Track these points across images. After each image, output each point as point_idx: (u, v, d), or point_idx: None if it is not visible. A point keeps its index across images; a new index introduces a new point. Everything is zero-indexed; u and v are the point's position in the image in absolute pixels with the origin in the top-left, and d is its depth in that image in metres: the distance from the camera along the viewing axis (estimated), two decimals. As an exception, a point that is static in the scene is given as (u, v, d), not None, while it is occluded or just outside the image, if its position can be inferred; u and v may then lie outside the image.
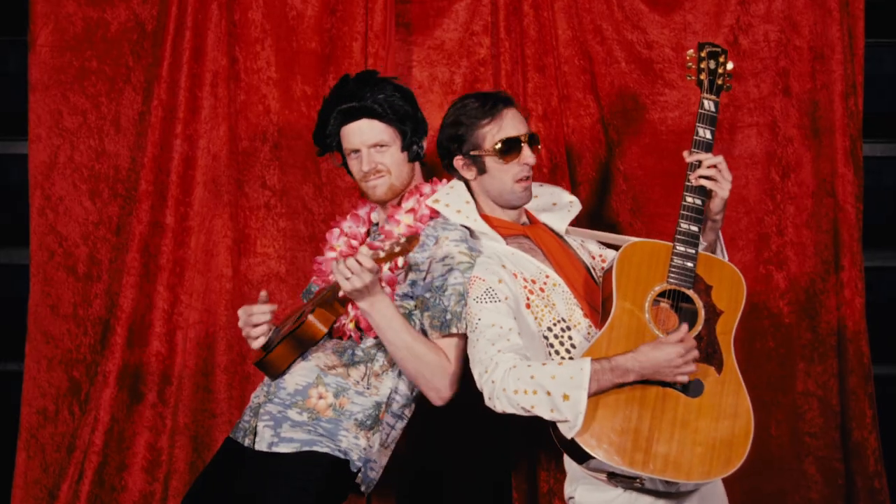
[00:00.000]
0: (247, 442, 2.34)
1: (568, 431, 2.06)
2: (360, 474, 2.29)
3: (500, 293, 2.22)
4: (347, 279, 2.16)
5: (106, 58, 3.03)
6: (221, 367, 2.97)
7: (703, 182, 2.23)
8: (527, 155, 2.36)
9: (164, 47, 2.96)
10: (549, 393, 2.06)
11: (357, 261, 2.14)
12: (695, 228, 2.20)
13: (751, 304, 2.90)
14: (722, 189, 2.24)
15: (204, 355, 2.98)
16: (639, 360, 2.08)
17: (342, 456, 2.25)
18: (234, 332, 2.95)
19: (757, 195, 2.95)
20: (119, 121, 3.04)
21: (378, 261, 2.16)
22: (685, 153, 2.27)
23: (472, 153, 2.39)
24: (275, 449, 2.27)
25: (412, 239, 2.11)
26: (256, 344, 2.38)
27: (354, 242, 2.56)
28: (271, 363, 2.36)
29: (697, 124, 2.26)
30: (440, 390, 2.27)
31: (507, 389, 2.10)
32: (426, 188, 2.48)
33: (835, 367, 2.89)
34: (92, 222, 3.03)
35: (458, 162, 2.42)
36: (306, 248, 3.01)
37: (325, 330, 2.29)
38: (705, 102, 2.27)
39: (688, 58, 2.33)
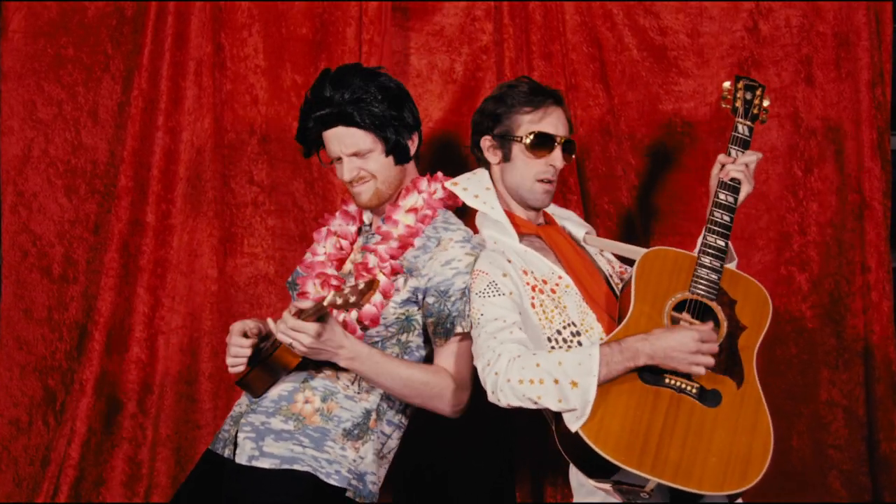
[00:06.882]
0: (227, 453, 2.28)
1: (574, 422, 2.00)
2: (351, 489, 2.22)
3: (503, 287, 2.20)
4: (291, 343, 2.13)
5: (83, 45, 2.99)
6: (206, 375, 2.93)
7: (735, 174, 2.24)
8: (556, 156, 2.35)
9: (145, 33, 2.93)
10: (556, 381, 2.01)
11: (288, 325, 2.10)
12: (721, 243, 2.20)
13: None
14: (745, 185, 2.27)
15: (187, 362, 2.94)
16: (650, 340, 2.04)
17: (322, 477, 2.19)
18: (219, 337, 2.94)
19: (778, 191, 2.90)
20: (97, 112, 2.99)
21: (333, 307, 2.07)
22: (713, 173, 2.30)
23: (503, 136, 2.37)
24: (255, 463, 2.20)
25: (372, 283, 2.05)
26: (233, 371, 2.33)
27: (344, 242, 2.51)
28: (249, 385, 2.31)
29: (730, 146, 2.29)
30: (454, 406, 2.29)
31: (512, 380, 2.05)
32: (423, 183, 2.42)
33: (861, 375, 2.84)
34: (68, 220, 2.98)
35: (486, 142, 2.41)
36: (297, 248, 2.97)
37: (297, 360, 2.23)
38: (739, 126, 2.30)
39: (723, 90, 2.34)
